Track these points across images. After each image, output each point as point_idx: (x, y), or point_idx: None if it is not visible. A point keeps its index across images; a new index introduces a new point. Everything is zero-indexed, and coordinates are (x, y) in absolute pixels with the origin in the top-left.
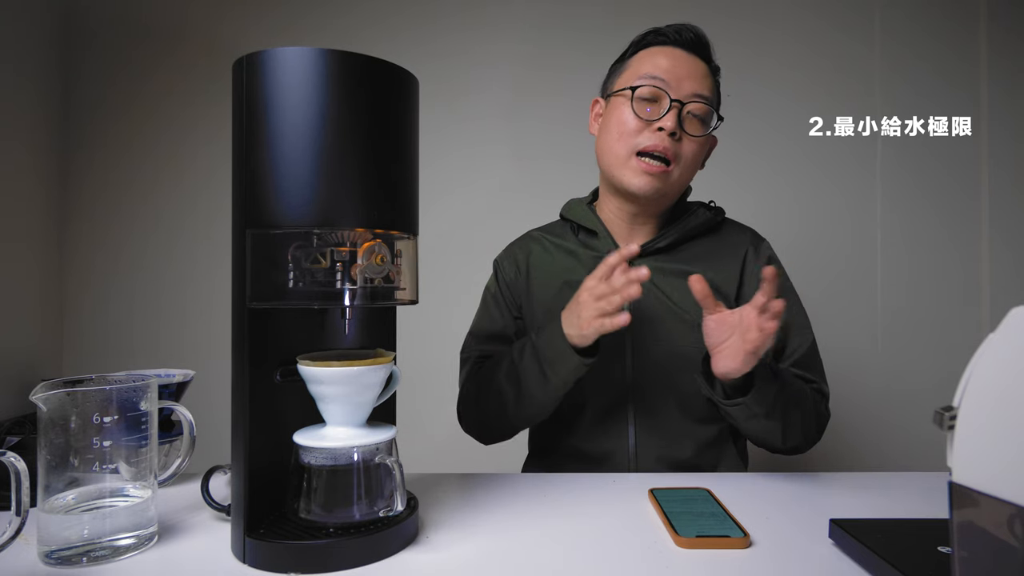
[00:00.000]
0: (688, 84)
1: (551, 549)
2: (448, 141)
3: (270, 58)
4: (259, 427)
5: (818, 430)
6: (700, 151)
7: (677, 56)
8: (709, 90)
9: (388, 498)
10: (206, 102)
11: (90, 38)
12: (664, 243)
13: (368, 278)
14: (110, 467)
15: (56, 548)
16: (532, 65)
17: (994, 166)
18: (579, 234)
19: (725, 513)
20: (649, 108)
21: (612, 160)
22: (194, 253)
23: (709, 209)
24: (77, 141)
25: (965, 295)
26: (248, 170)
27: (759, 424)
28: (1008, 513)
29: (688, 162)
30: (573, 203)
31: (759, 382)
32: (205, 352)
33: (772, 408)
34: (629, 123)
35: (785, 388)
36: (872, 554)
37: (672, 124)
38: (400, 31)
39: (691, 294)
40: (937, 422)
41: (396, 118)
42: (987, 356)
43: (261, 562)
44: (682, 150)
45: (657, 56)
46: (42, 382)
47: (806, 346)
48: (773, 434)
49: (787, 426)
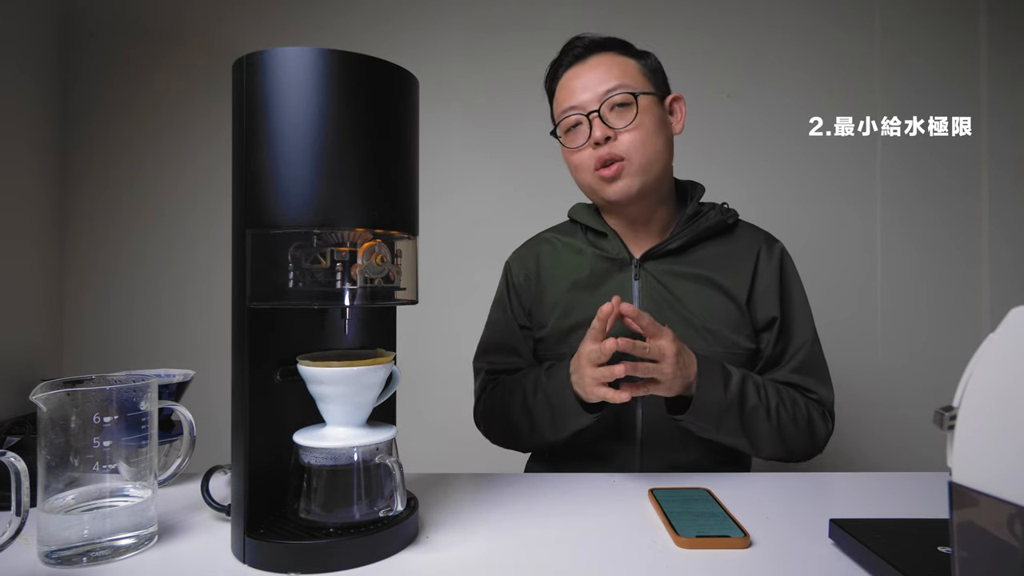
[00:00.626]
0: (597, 88)
1: (551, 549)
2: (448, 141)
3: (270, 58)
4: (259, 427)
5: (813, 441)
6: (649, 130)
7: (578, 73)
8: (620, 76)
9: (388, 498)
10: (206, 102)
11: (90, 38)
12: (675, 245)
13: (368, 278)
14: (110, 467)
15: (56, 548)
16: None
17: (994, 166)
18: (588, 234)
19: (725, 513)
20: (576, 135)
21: (587, 191)
22: (194, 253)
23: (721, 210)
24: (77, 141)
25: (965, 295)
26: (248, 170)
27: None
28: (1008, 513)
29: (640, 148)
30: (579, 207)
31: (696, 402)
32: (205, 352)
33: (719, 423)
34: (573, 159)
35: (741, 404)
36: (872, 554)
37: (599, 133)
38: (400, 31)
39: (702, 297)
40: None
41: (396, 118)
42: (987, 356)
43: (261, 562)
44: (623, 144)
45: (565, 86)
46: (42, 382)
47: (805, 350)
48: (740, 446)
49: (754, 440)
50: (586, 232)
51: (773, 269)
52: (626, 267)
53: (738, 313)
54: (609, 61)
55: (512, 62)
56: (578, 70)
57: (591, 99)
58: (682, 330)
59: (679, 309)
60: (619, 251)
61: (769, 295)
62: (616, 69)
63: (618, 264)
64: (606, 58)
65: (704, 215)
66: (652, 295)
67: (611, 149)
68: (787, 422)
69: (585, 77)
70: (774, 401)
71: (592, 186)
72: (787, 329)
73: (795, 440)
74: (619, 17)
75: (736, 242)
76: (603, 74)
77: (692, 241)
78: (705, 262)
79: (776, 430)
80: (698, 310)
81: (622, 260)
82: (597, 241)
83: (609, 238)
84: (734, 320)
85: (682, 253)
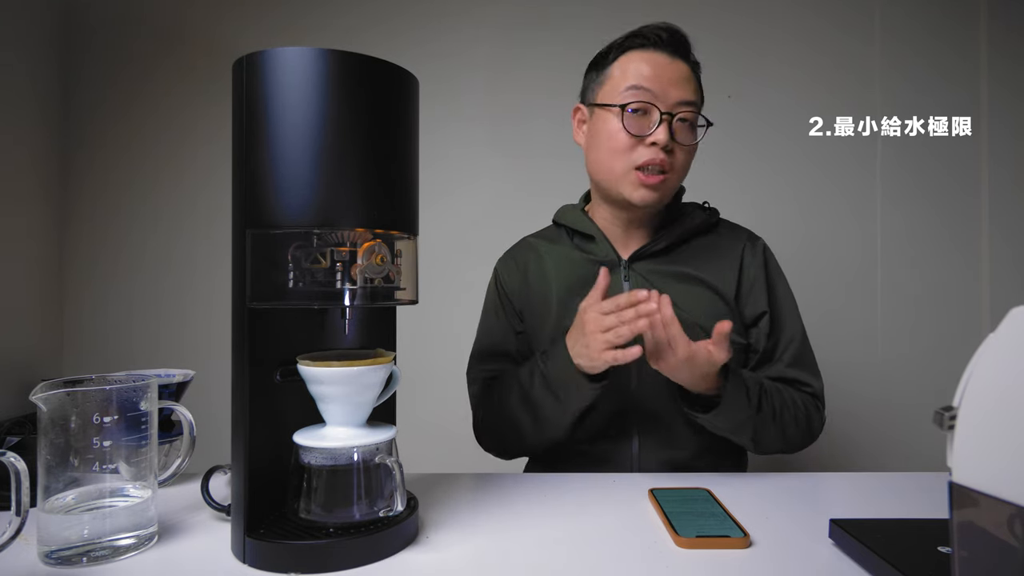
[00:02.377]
0: (674, 92)
1: (551, 549)
2: (448, 141)
3: (270, 58)
4: (259, 427)
5: (810, 434)
6: (692, 155)
7: (659, 62)
8: (694, 93)
9: (388, 498)
10: (206, 102)
11: (90, 38)
12: (661, 246)
13: (368, 278)
14: (110, 467)
15: (56, 548)
16: (532, 65)
17: (994, 166)
18: (575, 238)
19: (725, 513)
20: (639, 122)
21: (607, 176)
22: (194, 253)
23: (704, 210)
24: (77, 141)
25: (965, 295)
26: (248, 170)
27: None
28: (1008, 513)
29: (681, 168)
30: (566, 209)
31: (723, 407)
32: (205, 352)
33: (737, 428)
34: (621, 140)
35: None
36: (872, 554)
37: (665, 138)
38: (400, 31)
39: (691, 295)
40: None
41: (396, 118)
42: (987, 356)
43: (261, 562)
44: (676, 160)
45: (639, 63)
46: (42, 382)
47: (796, 343)
48: (743, 443)
49: (758, 441)
50: (572, 236)
51: (758, 265)
52: (615, 269)
53: (726, 309)
54: (687, 72)
55: (513, 62)
56: (660, 58)
57: (667, 98)
58: None
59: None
60: (607, 253)
61: (756, 291)
62: (692, 83)
63: (607, 266)
64: (686, 68)
65: (688, 215)
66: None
67: (665, 158)
68: (789, 422)
69: (666, 69)
70: (778, 405)
71: (621, 177)
72: (777, 323)
73: (795, 438)
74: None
75: (720, 240)
76: (684, 81)
77: (677, 241)
78: (691, 260)
79: (780, 431)
80: (689, 308)
81: (611, 262)
82: (584, 244)
83: (597, 241)
84: (723, 316)
85: (669, 253)
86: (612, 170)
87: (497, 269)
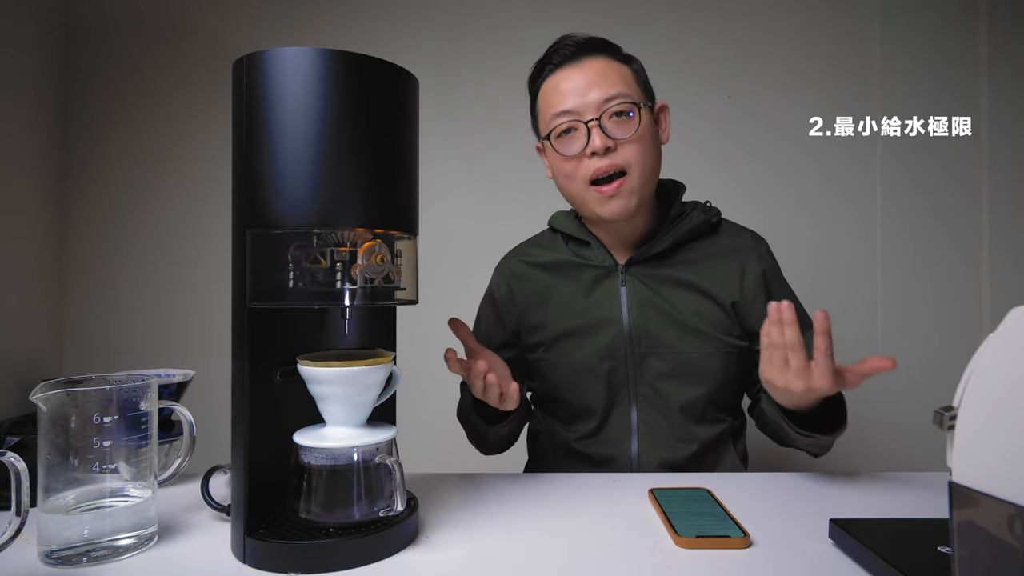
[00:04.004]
0: (593, 94)
1: (551, 549)
2: (448, 141)
3: (270, 58)
4: (259, 427)
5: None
6: (647, 142)
7: (568, 76)
8: (618, 83)
9: (388, 498)
10: (206, 102)
11: (90, 38)
12: (659, 249)
13: (368, 278)
14: (110, 467)
15: (56, 548)
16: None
17: (994, 166)
18: (570, 243)
19: (725, 513)
20: (573, 142)
21: (574, 201)
22: (194, 253)
23: (705, 210)
24: (77, 141)
25: (965, 295)
26: (248, 170)
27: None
28: (1008, 513)
29: (641, 160)
30: (560, 215)
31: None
32: (205, 352)
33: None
34: (563, 166)
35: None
36: (872, 554)
37: (599, 143)
38: (400, 31)
39: (688, 301)
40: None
41: (396, 118)
42: (987, 356)
43: (261, 562)
44: (626, 155)
45: (552, 87)
46: (42, 382)
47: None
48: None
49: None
50: (568, 241)
51: (761, 268)
52: (612, 274)
53: (724, 315)
54: (604, 66)
55: (512, 62)
56: (569, 72)
57: (588, 105)
58: (674, 332)
59: (668, 311)
60: (603, 259)
61: (759, 295)
62: (614, 75)
63: (604, 271)
64: (600, 63)
65: (687, 215)
66: (640, 300)
67: (612, 160)
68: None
69: (577, 80)
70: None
71: (584, 199)
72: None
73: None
74: (618, 17)
75: (720, 243)
76: (600, 80)
77: (675, 244)
78: (690, 266)
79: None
80: (687, 311)
81: (608, 267)
82: (580, 250)
83: (592, 247)
84: (721, 322)
85: (667, 256)
86: (572, 194)
87: (493, 278)
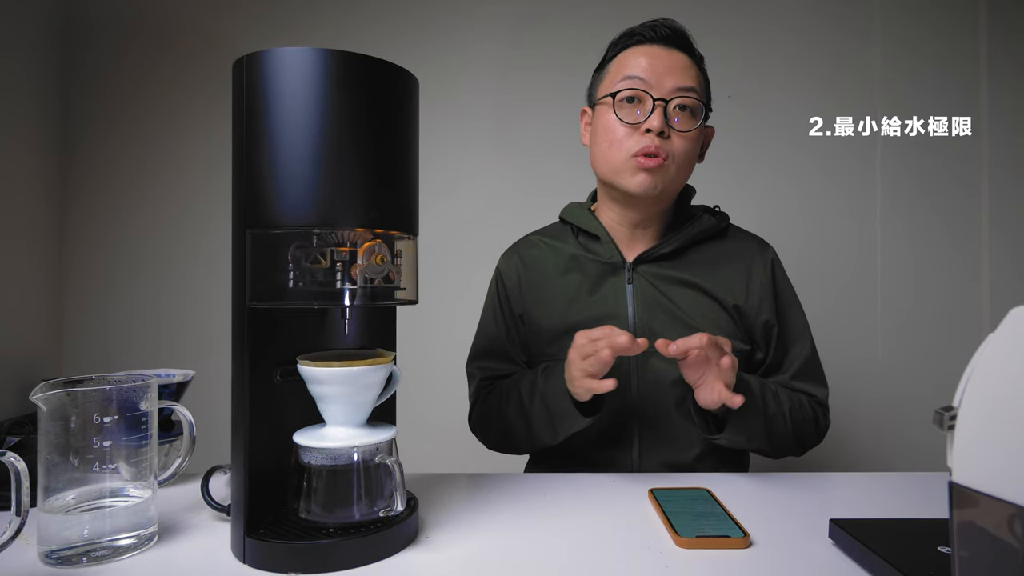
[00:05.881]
0: (669, 79)
1: (551, 549)
2: (448, 141)
3: (270, 58)
4: (259, 427)
5: (817, 436)
6: (694, 146)
7: (655, 53)
8: (694, 81)
9: (388, 498)
10: (206, 102)
11: (90, 38)
12: (667, 250)
13: (368, 278)
14: (110, 467)
15: (56, 548)
16: (532, 65)
17: (994, 166)
18: (579, 236)
19: (725, 513)
20: (633, 111)
21: (608, 168)
22: (194, 253)
23: (713, 214)
24: (77, 141)
25: (965, 295)
26: (248, 170)
27: (744, 446)
28: (1008, 513)
29: (682, 159)
30: (573, 207)
31: (734, 419)
32: (205, 352)
33: (753, 436)
34: (616, 129)
35: (770, 418)
36: (872, 554)
37: (659, 123)
38: (400, 31)
39: (694, 302)
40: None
41: (396, 118)
42: (987, 356)
43: (261, 562)
44: (673, 147)
45: (635, 56)
46: (42, 382)
47: (805, 354)
48: (760, 450)
49: (775, 446)
50: (577, 235)
51: (767, 275)
52: (619, 271)
53: (728, 319)
54: (688, 63)
55: (512, 62)
56: (657, 50)
57: (663, 86)
58: (678, 331)
59: (673, 311)
60: (612, 254)
61: (764, 301)
62: (691, 71)
63: (611, 268)
64: (686, 59)
65: (697, 219)
66: (646, 298)
67: (662, 144)
68: (800, 422)
69: (662, 60)
70: (786, 405)
71: (621, 167)
72: (785, 335)
73: (805, 438)
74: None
75: (728, 248)
76: (681, 69)
77: (684, 246)
78: (697, 267)
79: (792, 432)
80: (695, 314)
81: (615, 264)
82: (589, 244)
83: (602, 241)
84: (725, 325)
85: (675, 257)
86: (610, 161)
87: (499, 267)
